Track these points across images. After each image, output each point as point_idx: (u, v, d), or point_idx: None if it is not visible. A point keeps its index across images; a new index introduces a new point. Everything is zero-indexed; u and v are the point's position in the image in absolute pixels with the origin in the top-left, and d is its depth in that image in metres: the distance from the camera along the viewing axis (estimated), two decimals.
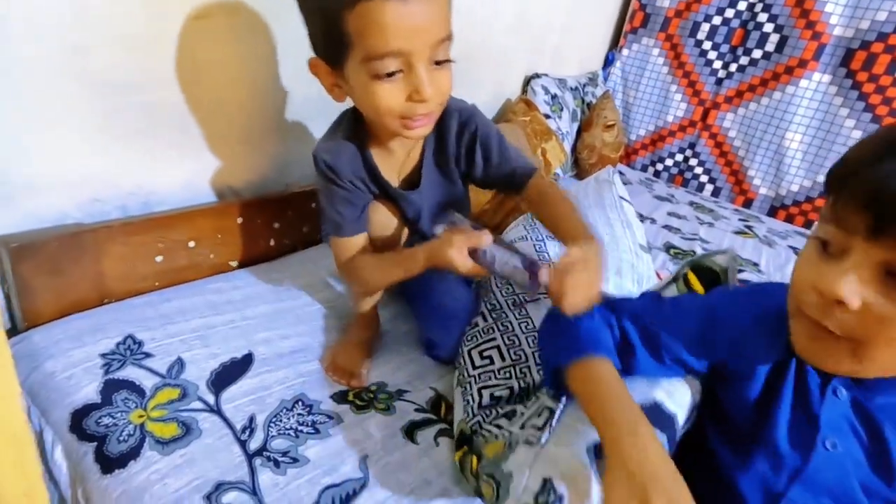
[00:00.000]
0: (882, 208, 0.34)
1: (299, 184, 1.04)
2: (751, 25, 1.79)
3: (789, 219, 1.83)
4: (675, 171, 2.08)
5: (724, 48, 1.86)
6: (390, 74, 0.58)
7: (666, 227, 1.59)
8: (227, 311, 0.84)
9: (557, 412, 0.53)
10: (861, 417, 0.44)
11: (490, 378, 0.72)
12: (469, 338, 0.78)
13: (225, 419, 0.66)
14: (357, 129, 0.72)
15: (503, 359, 0.73)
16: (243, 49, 0.86)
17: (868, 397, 0.43)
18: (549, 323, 0.59)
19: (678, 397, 0.53)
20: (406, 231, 0.81)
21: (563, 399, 0.54)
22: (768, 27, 1.75)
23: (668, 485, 0.39)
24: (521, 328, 0.76)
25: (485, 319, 0.80)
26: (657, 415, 0.51)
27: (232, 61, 0.86)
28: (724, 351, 0.51)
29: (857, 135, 1.66)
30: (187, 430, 0.64)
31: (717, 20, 1.85)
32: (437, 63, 0.60)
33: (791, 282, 0.43)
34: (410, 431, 0.70)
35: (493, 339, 0.76)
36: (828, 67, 1.67)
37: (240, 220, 0.94)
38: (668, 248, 1.41)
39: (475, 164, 0.75)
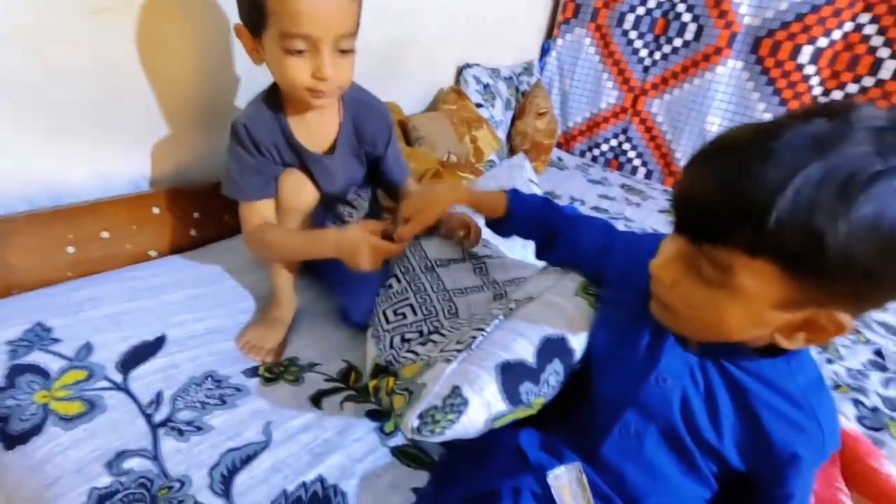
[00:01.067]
0: (678, 210, 0.42)
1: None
2: (671, 15, 1.89)
3: None
4: (610, 155, 2.17)
5: (649, 37, 1.96)
6: (299, 52, 0.69)
7: (594, 208, 1.67)
8: (144, 297, 0.86)
9: (479, 339, 0.59)
10: (703, 374, 0.49)
11: (402, 329, 0.77)
12: (383, 299, 0.82)
13: (131, 395, 0.69)
14: (276, 98, 0.80)
15: (415, 314, 0.78)
16: (156, 41, 0.88)
17: (714, 360, 0.49)
18: None
19: (579, 340, 0.60)
20: (317, 198, 0.87)
21: (488, 330, 0.60)
22: (686, 17, 1.85)
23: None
24: (432, 288, 0.81)
25: (398, 282, 0.84)
26: (562, 348, 0.58)
27: (146, 53, 0.87)
28: (613, 272, 0.61)
29: (768, 117, 1.78)
30: (92, 407, 0.66)
31: (640, 10, 1.95)
32: (342, 52, 0.71)
33: None
34: (317, 399, 0.74)
35: (406, 298, 0.81)
36: (740, 54, 1.78)
37: (156, 211, 0.95)
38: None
39: (372, 149, 0.91)
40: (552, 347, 0.58)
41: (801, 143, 0.35)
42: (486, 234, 0.96)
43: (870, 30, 1.57)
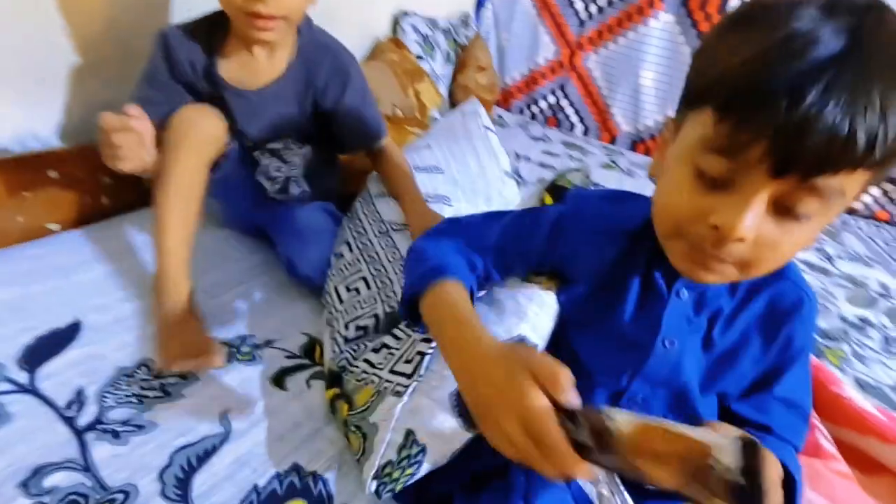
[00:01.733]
0: (796, 151, 0.31)
1: None
2: None
3: (647, 152, 2.01)
4: (549, 112, 2.16)
5: None
6: None
7: (540, 164, 1.65)
8: (48, 278, 0.71)
9: (427, 358, 0.53)
10: (698, 310, 0.46)
11: (356, 308, 0.70)
12: (335, 272, 0.75)
13: (42, 398, 0.56)
14: (220, 25, 0.72)
15: (369, 287, 0.71)
16: None
17: (704, 287, 0.46)
18: (407, 257, 0.54)
19: (540, 330, 0.53)
20: (223, 137, 0.72)
21: (433, 344, 0.53)
22: None
23: (490, 370, 0.36)
24: (387, 258, 0.74)
25: (350, 250, 0.77)
26: None
27: None
28: (571, 252, 0.51)
29: None
30: None
31: None
32: None
33: (663, 207, 0.40)
34: (279, 379, 0.65)
35: (360, 270, 0.74)
36: (671, 7, 1.80)
37: (53, 175, 0.79)
38: (540, 181, 1.47)
39: (332, 101, 0.79)
40: None
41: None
42: (448, 188, 0.90)
43: None
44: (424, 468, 0.48)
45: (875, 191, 1.76)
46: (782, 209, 0.34)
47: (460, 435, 0.48)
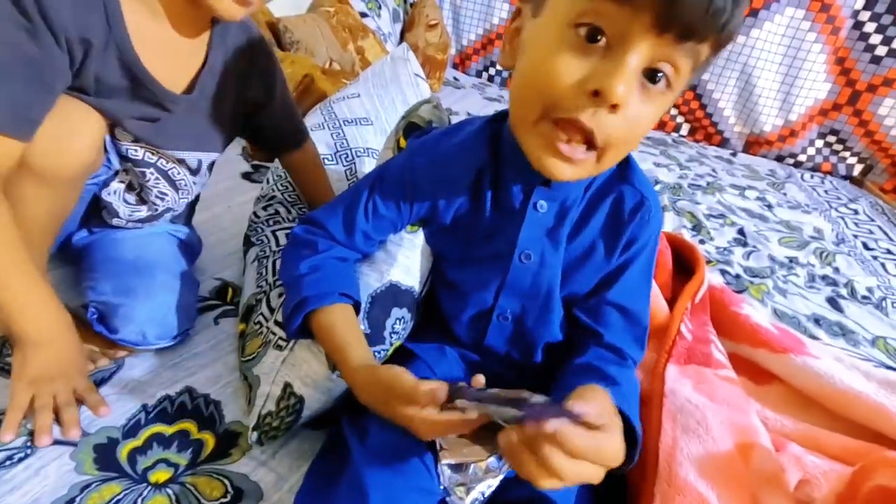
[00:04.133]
0: (679, 6, 0.32)
1: None
2: None
3: None
4: (505, 74, 2.14)
5: None
6: None
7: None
8: None
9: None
10: (560, 221, 0.47)
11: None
12: (271, 221, 0.74)
13: None
14: None
15: (289, 212, 0.71)
16: None
17: (564, 197, 0.46)
18: (282, 263, 0.52)
19: (414, 271, 0.54)
20: (101, 156, 0.52)
21: None
22: None
23: (368, 390, 0.43)
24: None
25: (288, 211, 0.76)
26: (395, 293, 0.53)
27: None
28: (428, 199, 0.50)
29: None
30: None
31: None
32: None
33: (531, 84, 0.38)
34: None
35: (274, 196, 0.74)
36: None
37: None
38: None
39: (252, 94, 0.61)
40: (384, 301, 0.52)
41: None
42: (377, 139, 0.89)
43: None
44: (303, 417, 0.50)
45: (819, 143, 1.80)
46: (648, 77, 0.35)
47: (336, 385, 0.50)
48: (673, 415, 0.50)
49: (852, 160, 1.79)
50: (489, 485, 0.41)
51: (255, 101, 0.62)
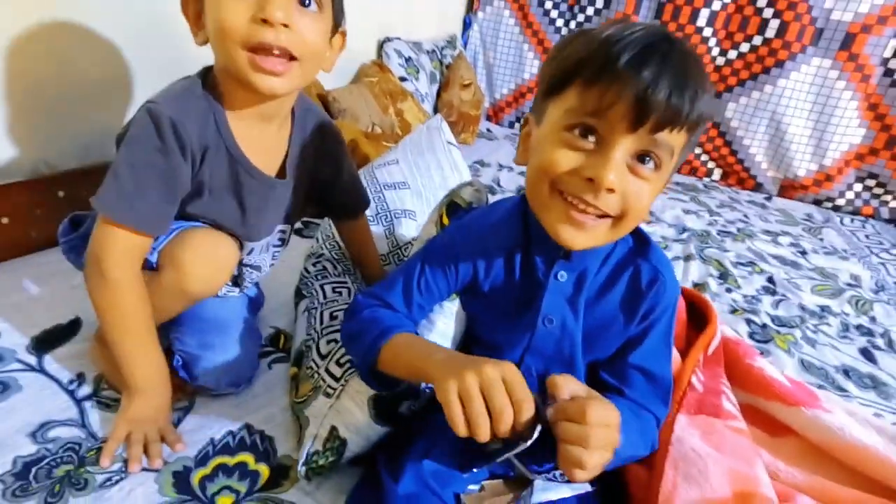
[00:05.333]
0: (648, 107, 0.40)
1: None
2: None
3: None
4: None
5: (563, 7, 2.03)
6: None
7: (521, 173, 1.74)
8: (54, 282, 0.84)
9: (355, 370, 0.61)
10: (578, 290, 0.53)
11: (336, 303, 0.78)
12: (320, 276, 0.84)
13: (49, 375, 0.68)
14: (212, 86, 0.58)
15: (350, 293, 0.79)
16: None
17: (583, 269, 0.53)
18: (347, 321, 0.58)
19: (448, 334, 0.59)
20: (233, 269, 0.64)
21: None
22: None
23: (460, 364, 0.43)
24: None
25: (335, 267, 0.86)
26: None
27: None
28: (470, 271, 0.56)
29: None
30: (4, 388, 0.65)
31: None
32: (303, 4, 0.53)
33: (539, 169, 0.45)
34: None
35: (345, 282, 0.83)
36: (646, 19, 1.88)
37: (61, 194, 0.92)
38: (520, 190, 1.56)
39: (324, 172, 0.71)
40: None
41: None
42: (414, 201, 0.99)
43: None
44: (345, 458, 0.57)
45: (858, 187, 1.78)
46: (638, 161, 0.43)
47: (374, 432, 0.57)
48: (676, 462, 0.54)
49: (895, 203, 1.76)
50: None
51: (325, 179, 0.72)
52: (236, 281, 0.71)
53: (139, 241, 0.55)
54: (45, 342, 0.72)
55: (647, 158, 0.43)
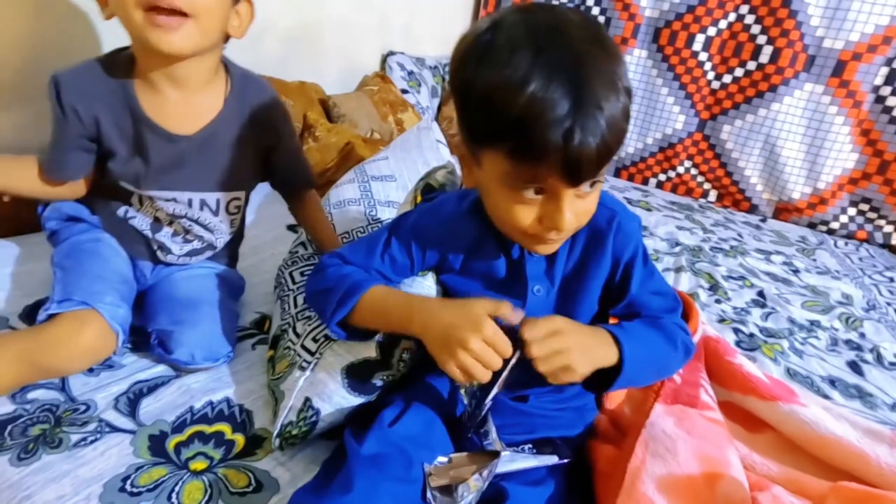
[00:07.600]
0: (580, 170, 0.43)
1: None
2: (581, 10, 2.04)
3: (630, 178, 2.11)
4: None
5: None
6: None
7: None
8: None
9: (330, 343, 0.62)
10: (549, 262, 0.56)
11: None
12: (289, 263, 0.86)
13: None
14: (127, 59, 0.65)
15: None
16: None
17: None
18: (312, 278, 0.61)
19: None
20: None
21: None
22: (595, 10, 2.01)
23: (451, 311, 0.49)
24: None
25: (305, 248, 0.88)
26: None
27: None
28: (437, 252, 0.59)
29: (672, 101, 1.95)
30: None
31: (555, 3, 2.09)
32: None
33: (503, 223, 0.50)
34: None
35: (314, 263, 0.84)
36: (644, 44, 1.94)
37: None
38: None
39: (265, 141, 0.75)
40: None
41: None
42: (399, 193, 1.02)
43: (749, 19, 1.76)
44: (318, 428, 0.58)
45: (852, 211, 1.80)
46: (579, 197, 0.47)
47: (347, 403, 0.58)
48: (646, 442, 0.54)
49: (889, 228, 1.77)
50: (472, 499, 0.48)
51: (268, 144, 0.75)
52: (187, 239, 0.75)
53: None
54: (37, 311, 0.74)
55: (588, 186, 0.47)
